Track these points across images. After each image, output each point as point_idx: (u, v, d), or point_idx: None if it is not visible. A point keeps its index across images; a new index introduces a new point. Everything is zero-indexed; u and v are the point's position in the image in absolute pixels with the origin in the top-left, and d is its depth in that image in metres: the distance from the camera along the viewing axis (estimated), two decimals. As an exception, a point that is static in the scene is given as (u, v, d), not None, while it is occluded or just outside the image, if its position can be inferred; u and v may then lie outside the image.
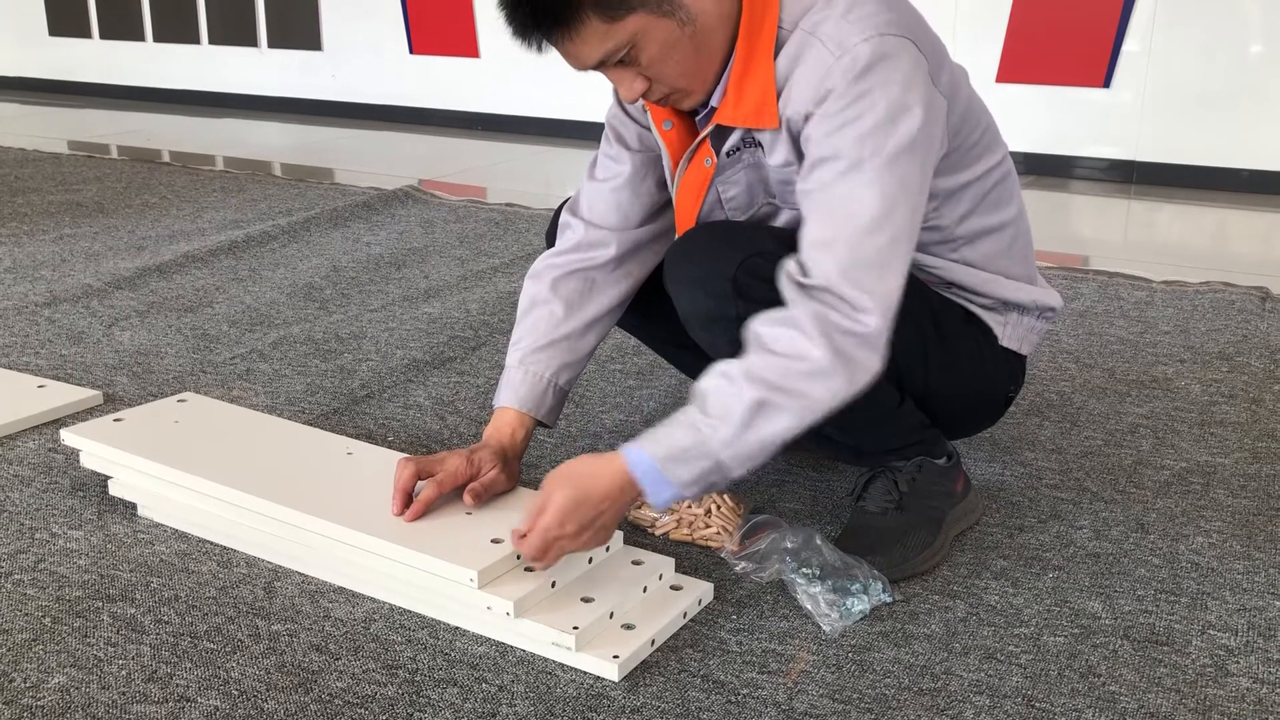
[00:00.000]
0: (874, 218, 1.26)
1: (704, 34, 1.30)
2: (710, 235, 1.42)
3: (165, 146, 5.02)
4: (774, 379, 1.24)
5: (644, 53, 1.28)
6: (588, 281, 1.58)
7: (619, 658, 1.25)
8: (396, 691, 1.23)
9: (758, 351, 1.26)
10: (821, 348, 1.23)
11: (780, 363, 1.24)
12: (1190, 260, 3.17)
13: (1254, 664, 1.29)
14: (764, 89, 1.32)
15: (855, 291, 1.24)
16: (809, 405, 1.25)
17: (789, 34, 1.32)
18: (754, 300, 1.33)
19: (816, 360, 1.23)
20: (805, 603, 1.36)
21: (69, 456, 1.79)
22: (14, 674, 1.26)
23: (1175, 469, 1.79)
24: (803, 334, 1.24)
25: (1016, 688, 1.25)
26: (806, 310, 1.25)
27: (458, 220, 3.52)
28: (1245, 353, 2.33)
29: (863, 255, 1.26)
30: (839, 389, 1.25)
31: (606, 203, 1.58)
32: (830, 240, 1.27)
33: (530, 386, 1.54)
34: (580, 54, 1.28)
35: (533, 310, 1.58)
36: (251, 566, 1.49)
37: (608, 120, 1.59)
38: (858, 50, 1.27)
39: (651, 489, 1.27)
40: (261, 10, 5.95)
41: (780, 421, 1.25)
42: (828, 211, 1.28)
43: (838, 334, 1.24)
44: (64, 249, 3.14)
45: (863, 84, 1.27)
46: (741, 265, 1.35)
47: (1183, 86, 4.10)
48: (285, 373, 2.21)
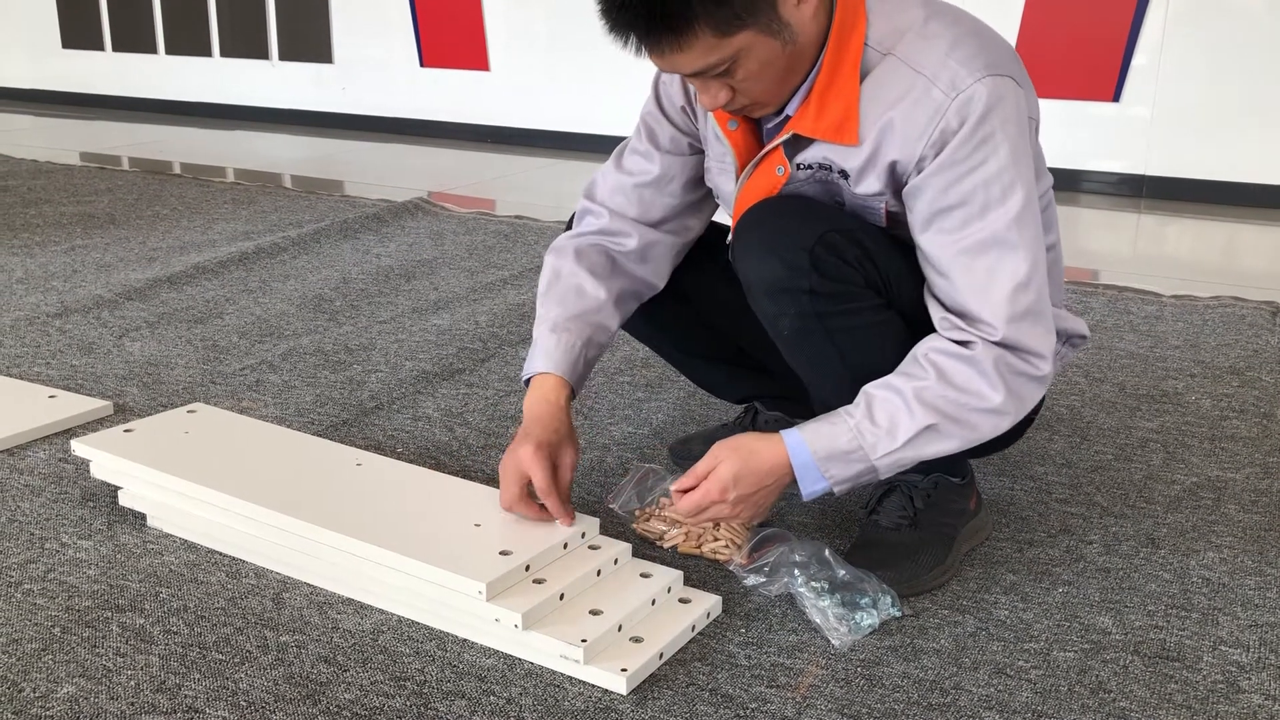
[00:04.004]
0: (1025, 272, 1.30)
1: (799, 53, 1.29)
2: (789, 206, 1.39)
3: (177, 158, 5.04)
4: (948, 410, 1.30)
5: (742, 68, 1.27)
6: (610, 258, 1.57)
7: (627, 671, 1.25)
8: (404, 703, 1.23)
9: (937, 380, 1.30)
10: (1001, 391, 1.30)
11: (957, 396, 1.30)
12: (1200, 275, 3.16)
13: (1266, 680, 1.29)
14: (847, 105, 1.31)
15: (1025, 340, 1.30)
16: (973, 437, 1.33)
17: (878, 56, 1.30)
18: (828, 276, 1.33)
19: (993, 401, 1.30)
20: (814, 616, 1.36)
21: (79, 467, 1.79)
22: (23, 684, 1.26)
23: (1186, 484, 1.79)
24: (982, 375, 1.30)
25: (1026, 703, 1.24)
26: (988, 354, 1.30)
27: (467, 232, 3.53)
28: (1256, 367, 2.32)
29: (1022, 307, 1.30)
30: (1003, 425, 1.33)
31: (629, 196, 1.57)
32: (986, 289, 1.29)
33: (565, 353, 1.51)
34: (680, 62, 1.26)
35: (557, 282, 1.55)
36: (260, 577, 1.49)
37: (643, 117, 1.58)
38: (973, 91, 1.26)
39: (805, 481, 1.33)
40: (273, 23, 5.98)
41: (942, 445, 1.32)
42: (972, 263, 1.30)
43: (1014, 377, 1.31)
44: (75, 260, 3.16)
45: (985, 128, 1.27)
46: (821, 239, 1.33)
47: (1193, 101, 4.09)
48: (295, 384, 2.21)
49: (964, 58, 1.28)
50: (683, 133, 1.55)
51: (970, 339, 1.30)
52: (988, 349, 1.29)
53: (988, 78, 1.27)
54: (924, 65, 1.28)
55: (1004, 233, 1.29)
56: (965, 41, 1.29)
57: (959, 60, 1.28)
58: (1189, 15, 4.03)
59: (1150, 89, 4.15)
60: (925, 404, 1.29)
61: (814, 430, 1.33)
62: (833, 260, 1.33)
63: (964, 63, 1.27)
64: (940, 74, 1.27)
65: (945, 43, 1.29)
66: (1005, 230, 1.29)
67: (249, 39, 6.09)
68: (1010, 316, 1.29)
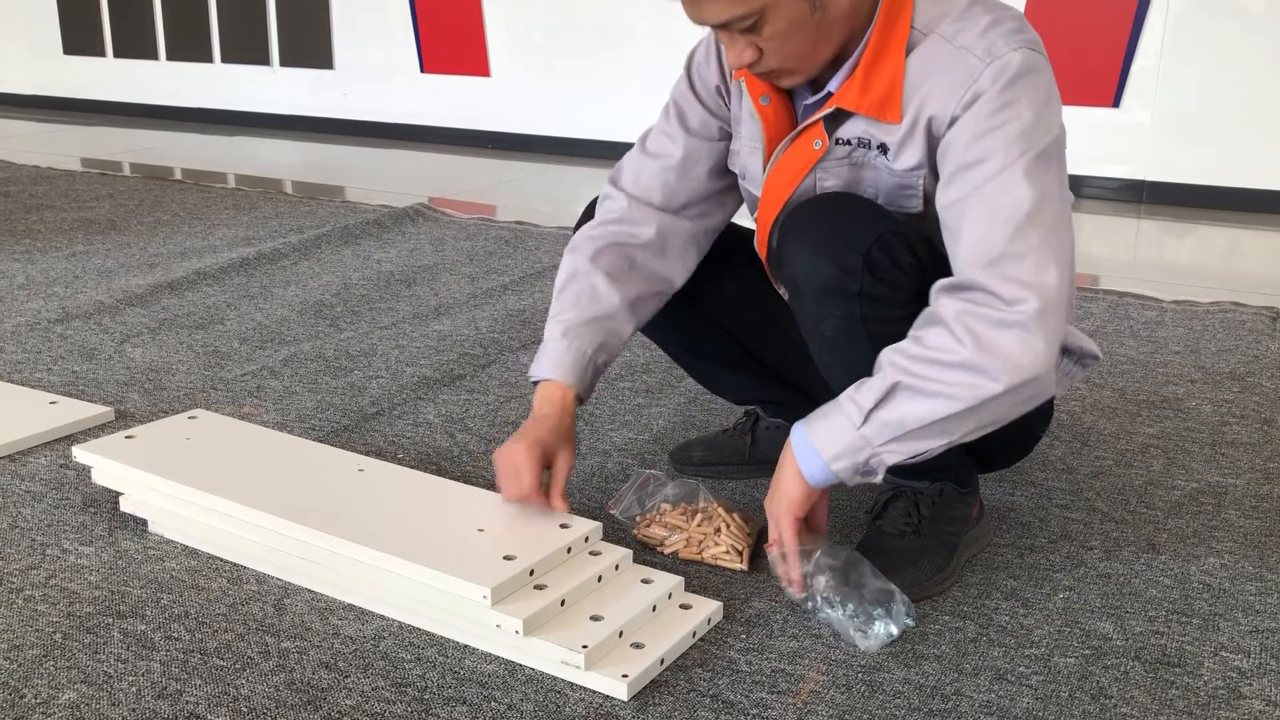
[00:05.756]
0: (1027, 212, 1.24)
1: (830, 22, 1.30)
2: (841, 204, 1.38)
3: (178, 164, 5.04)
4: (913, 368, 1.25)
5: (768, 25, 1.27)
6: (627, 259, 1.56)
7: (628, 677, 1.25)
8: (406, 709, 1.23)
9: (909, 341, 1.28)
10: (968, 344, 1.22)
11: (921, 351, 1.26)
12: (1200, 280, 3.17)
13: (1267, 686, 1.29)
14: (891, 82, 1.33)
15: (1005, 284, 1.23)
16: (957, 399, 1.24)
17: (921, 36, 1.32)
18: (882, 280, 1.32)
19: (958, 354, 1.23)
20: (835, 627, 1.35)
21: (80, 473, 1.79)
22: (24, 690, 1.26)
23: (1186, 489, 1.79)
24: (947, 330, 1.24)
25: (1027, 709, 1.24)
26: (950, 308, 1.25)
27: (468, 238, 3.53)
28: (1256, 373, 2.32)
29: (1014, 249, 1.24)
30: (990, 388, 1.23)
31: (653, 179, 1.57)
32: (980, 238, 1.26)
33: (574, 360, 1.50)
34: (708, 11, 1.27)
35: (573, 283, 1.54)
36: (261, 583, 1.49)
37: (674, 97, 1.58)
38: (1009, 58, 1.28)
39: (804, 462, 1.33)
40: (274, 29, 5.99)
41: (919, 405, 1.25)
42: (976, 214, 1.27)
43: (984, 325, 1.22)
44: (76, 266, 3.16)
45: (1013, 91, 1.28)
46: (878, 241, 1.32)
47: (1193, 106, 4.10)
48: (296, 390, 2.22)
49: (1004, 33, 1.30)
50: (713, 115, 1.54)
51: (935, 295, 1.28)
52: (952, 303, 1.25)
53: (1024, 49, 1.29)
54: (962, 39, 1.30)
55: (1015, 183, 1.26)
56: (1004, 22, 1.31)
57: (998, 34, 1.30)
58: (1189, 20, 4.03)
59: (1150, 94, 4.15)
60: (893, 364, 1.27)
61: (816, 422, 1.34)
62: (887, 264, 1.32)
63: (1003, 36, 1.30)
64: (977, 44, 1.30)
65: (986, 21, 1.31)
66: (1018, 181, 1.26)
67: (250, 45, 6.10)
68: (998, 257, 1.24)
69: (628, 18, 5.02)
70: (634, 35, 5.02)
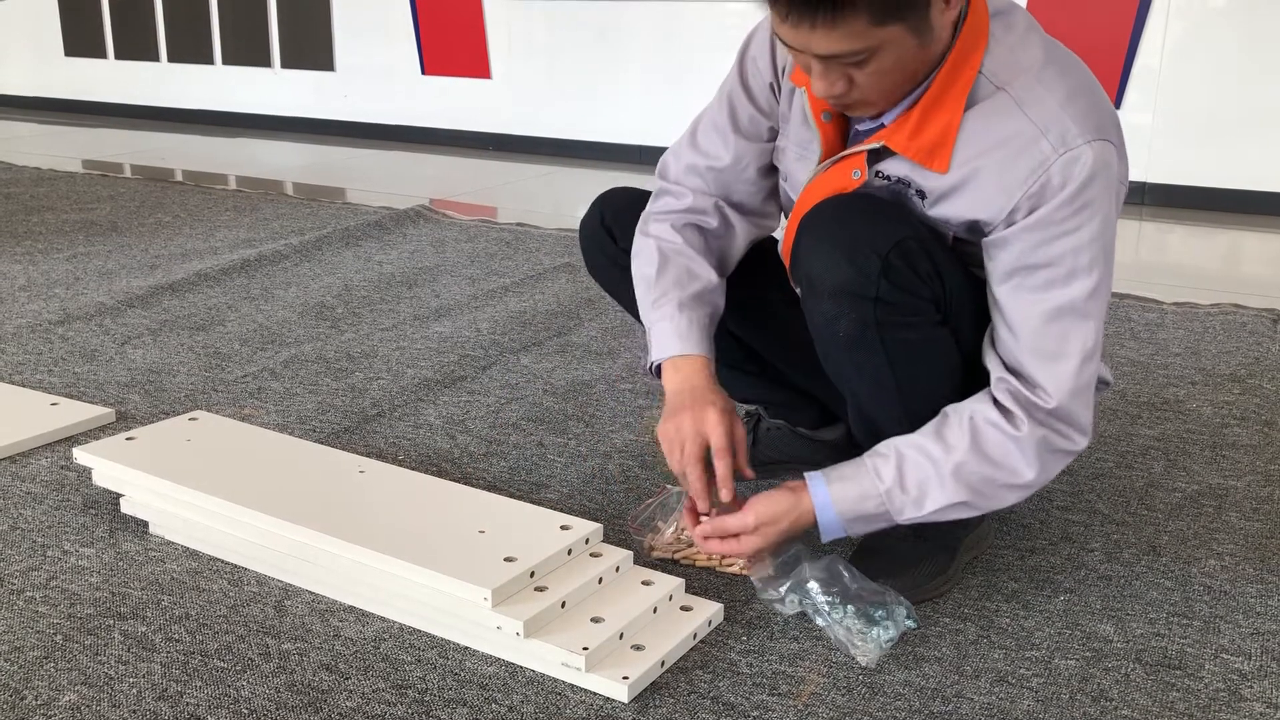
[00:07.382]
0: (1092, 345, 1.30)
1: (926, 59, 1.26)
2: (863, 205, 1.34)
3: (179, 166, 5.05)
4: (980, 487, 1.32)
5: (876, 62, 1.21)
6: (705, 237, 1.54)
7: (629, 679, 1.25)
8: (406, 711, 1.23)
9: (970, 450, 1.31)
10: (1035, 470, 1.32)
11: (991, 472, 1.31)
12: (1201, 282, 3.17)
13: (1268, 688, 1.29)
14: (946, 130, 1.28)
15: (1076, 414, 1.31)
16: (994, 507, 1.36)
17: (990, 88, 1.27)
18: (897, 285, 1.30)
19: (1024, 478, 1.32)
20: (838, 634, 1.35)
21: (81, 474, 1.79)
22: (25, 691, 1.26)
23: (1187, 491, 1.79)
24: (1021, 453, 1.30)
25: (1028, 711, 1.24)
26: (1032, 432, 1.30)
27: (469, 240, 3.54)
28: (1257, 375, 2.32)
29: (1083, 380, 1.30)
30: (1024, 497, 1.35)
31: (704, 177, 1.55)
32: (1054, 356, 1.29)
33: (700, 334, 1.47)
34: (819, 41, 1.19)
35: (669, 264, 1.50)
36: (262, 585, 1.49)
37: (728, 94, 1.53)
38: (1081, 152, 1.24)
39: (826, 532, 1.37)
40: (275, 31, 5.99)
41: (964, 514, 1.35)
42: (1045, 327, 1.29)
43: (1051, 454, 1.32)
44: (77, 267, 3.16)
45: (1086, 194, 1.25)
46: (897, 245, 1.29)
47: (1194, 108, 4.10)
48: (296, 391, 2.22)
49: (1077, 114, 1.25)
50: (763, 114, 1.51)
51: (1016, 410, 1.30)
52: (1034, 426, 1.29)
53: (1097, 141, 1.25)
54: (1036, 113, 1.25)
55: (1082, 303, 1.28)
56: (1079, 98, 1.27)
57: (1073, 116, 1.25)
58: (1191, 22, 4.03)
59: (1152, 96, 4.15)
60: (959, 480, 1.31)
61: (841, 489, 1.34)
62: (905, 270, 1.30)
63: (1077, 120, 1.25)
64: (1051, 126, 1.24)
65: (1061, 94, 1.26)
66: (1084, 300, 1.28)
67: (251, 46, 6.10)
68: (1073, 390, 1.29)
69: (628, 20, 5.02)
70: (634, 38, 5.02)
